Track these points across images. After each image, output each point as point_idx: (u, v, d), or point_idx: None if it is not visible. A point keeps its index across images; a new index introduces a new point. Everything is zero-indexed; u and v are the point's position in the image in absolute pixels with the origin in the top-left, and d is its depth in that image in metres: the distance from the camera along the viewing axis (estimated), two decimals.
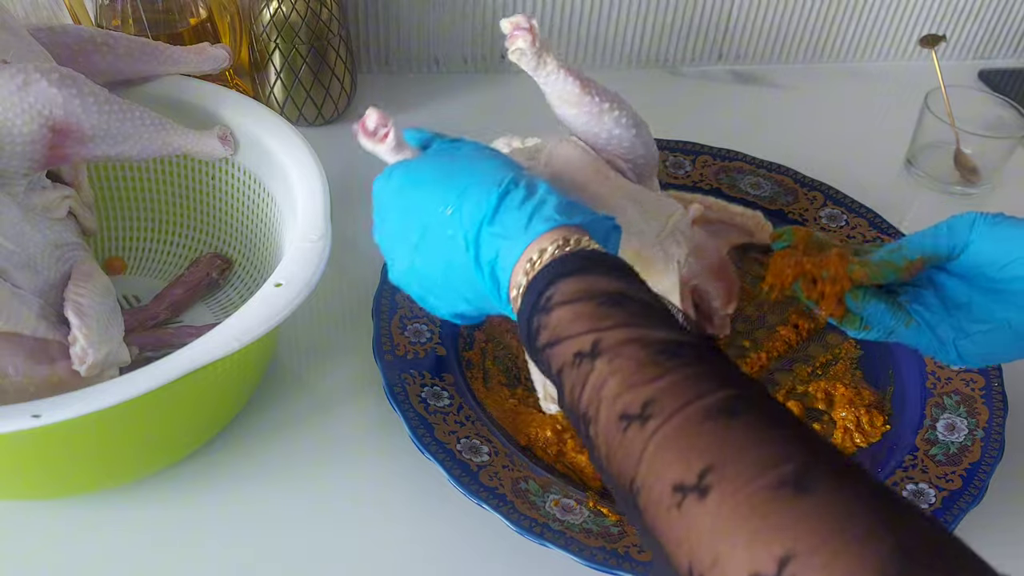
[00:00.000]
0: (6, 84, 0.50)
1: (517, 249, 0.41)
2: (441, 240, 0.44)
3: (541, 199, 0.43)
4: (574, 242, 0.41)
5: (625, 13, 0.92)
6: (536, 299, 0.39)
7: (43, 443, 0.47)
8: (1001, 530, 0.56)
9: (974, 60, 1.04)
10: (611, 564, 0.48)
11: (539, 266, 0.40)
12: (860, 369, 0.63)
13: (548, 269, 0.40)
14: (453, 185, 0.44)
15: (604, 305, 0.37)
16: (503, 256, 0.42)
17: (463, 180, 0.44)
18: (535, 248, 0.41)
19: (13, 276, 0.51)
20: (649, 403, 0.33)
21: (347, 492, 0.56)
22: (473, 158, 0.47)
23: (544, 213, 0.42)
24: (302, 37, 0.78)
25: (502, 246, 0.42)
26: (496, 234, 0.42)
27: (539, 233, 0.41)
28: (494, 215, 0.43)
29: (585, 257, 0.40)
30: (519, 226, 0.42)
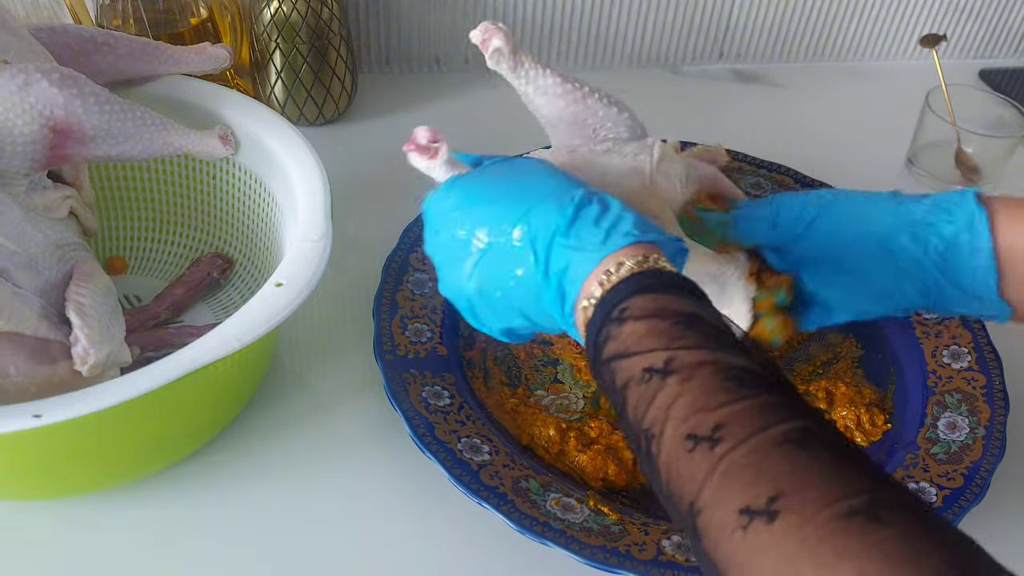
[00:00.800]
0: (7, 84, 0.50)
1: (592, 261, 0.41)
2: (505, 254, 0.44)
3: (618, 215, 0.43)
4: (652, 260, 0.41)
5: (625, 12, 0.92)
6: (609, 310, 0.39)
7: (44, 443, 0.47)
8: (1002, 529, 0.56)
9: (975, 59, 1.04)
10: (611, 563, 0.48)
11: (616, 279, 0.40)
12: (861, 368, 0.63)
13: (625, 283, 0.40)
14: (521, 199, 0.44)
15: (679, 325, 0.37)
16: (575, 267, 0.42)
17: (531, 194, 0.44)
18: (612, 261, 0.41)
19: (14, 276, 0.51)
20: (720, 426, 0.33)
21: (347, 491, 0.56)
22: (536, 173, 0.46)
23: (623, 228, 0.42)
24: (303, 37, 0.78)
25: (575, 258, 0.42)
26: (570, 246, 0.42)
27: (619, 247, 0.41)
28: (569, 228, 0.42)
29: (661, 275, 0.40)
30: (596, 240, 0.42)
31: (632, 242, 0.41)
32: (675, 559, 0.49)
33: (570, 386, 0.61)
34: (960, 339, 0.62)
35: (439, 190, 0.48)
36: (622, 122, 0.56)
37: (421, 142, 0.48)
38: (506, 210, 0.44)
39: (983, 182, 0.83)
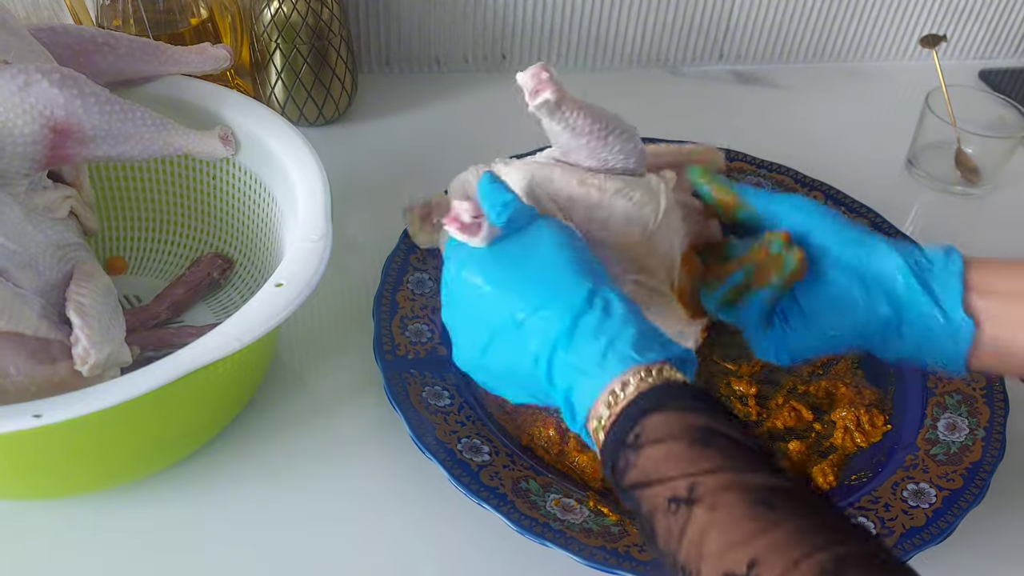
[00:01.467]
0: (7, 84, 0.50)
1: (596, 386, 0.41)
2: (511, 347, 0.44)
3: (616, 331, 0.41)
4: (656, 373, 0.40)
5: (625, 13, 0.92)
6: (623, 436, 0.39)
7: (44, 443, 0.47)
8: (1002, 529, 0.56)
9: (975, 60, 1.04)
10: (611, 563, 0.48)
11: (623, 401, 0.39)
12: (861, 368, 0.63)
13: (633, 405, 0.39)
14: (526, 294, 0.43)
15: (696, 444, 0.37)
16: (579, 390, 0.41)
17: (537, 291, 0.43)
18: (617, 382, 0.40)
19: (15, 276, 0.51)
20: (754, 563, 0.33)
21: (347, 492, 0.56)
22: (550, 260, 0.44)
23: (620, 351, 0.41)
24: (303, 37, 0.78)
25: (578, 380, 0.41)
26: (572, 365, 0.41)
27: (617, 373, 0.40)
28: (569, 341, 0.42)
29: (669, 389, 0.39)
30: (594, 360, 0.41)
31: (631, 366, 0.40)
32: None
33: None
34: None
35: (452, 260, 0.47)
36: (633, 154, 0.56)
37: (465, 220, 0.45)
38: (512, 303, 0.43)
39: (983, 183, 0.83)
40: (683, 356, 0.42)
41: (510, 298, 0.44)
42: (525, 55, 0.95)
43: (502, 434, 0.57)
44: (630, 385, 0.40)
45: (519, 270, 0.44)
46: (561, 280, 0.43)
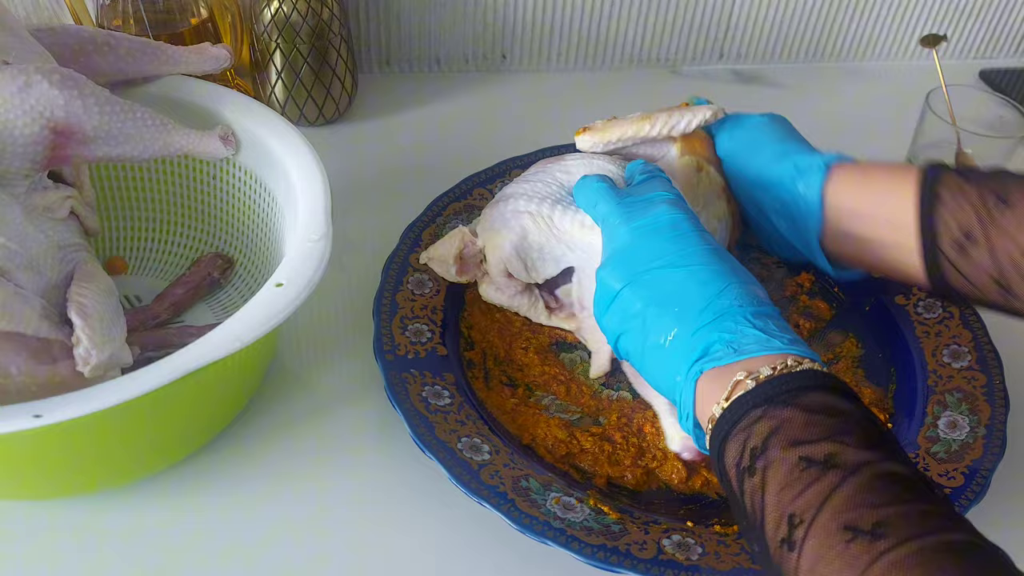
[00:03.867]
0: (7, 85, 0.50)
1: (762, 344, 0.44)
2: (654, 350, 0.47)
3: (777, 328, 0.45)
4: (818, 366, 0.42)
5: (626, 12, 0.93)
6: (773, 394, 0.40)
7: (44, 443, 0.47)
8: (1003, 527, 0.55)
9: (975, 60, 1.04)
10: (612, 562, 0.48)
11: (789, 369, 0.42)
12: (861, 368, 0.63)
13: (798, 376, 0.41)
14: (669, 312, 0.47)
15: (845, 421, 0.38)
16: (737, 342, 0.44)
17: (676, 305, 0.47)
18: (789, 357, 0.42)
19: (16, 276, 0.51)
20: (882, 524, 0.34)
21: (348, 491, 0.56)
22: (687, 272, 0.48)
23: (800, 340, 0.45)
24: (303, 37, 0.78)
25: (744, 332, 0.44)
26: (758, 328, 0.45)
27: (794, 349, 0.43)
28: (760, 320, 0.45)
29: (831, 380, 0.41)
30: (776, 329, 0.44)
31: (801, 353, 0.43)
32: (675, 558, 0.49)
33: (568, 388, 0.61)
34: (960, 338, 0.62)
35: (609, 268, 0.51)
36: None
37: None
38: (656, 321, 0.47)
39: None
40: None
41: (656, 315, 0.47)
42: (525, 55, 0.95)
43: (502, 433, 0.57)
44: (803, 364, 0.42)
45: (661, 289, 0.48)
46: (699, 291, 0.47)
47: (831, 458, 0.36)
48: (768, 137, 0.62)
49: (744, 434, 0.40)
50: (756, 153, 0.62)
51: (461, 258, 0.62)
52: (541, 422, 0.58)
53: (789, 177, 0.59)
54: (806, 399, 0.39)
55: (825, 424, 0.38)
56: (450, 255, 0.62)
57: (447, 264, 0.62)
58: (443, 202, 0.70)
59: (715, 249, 0.49)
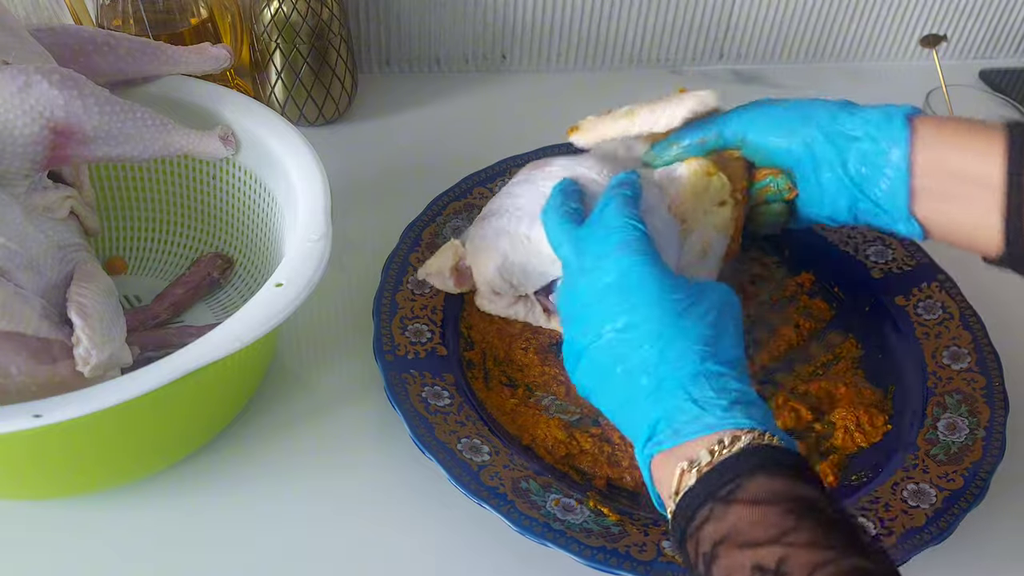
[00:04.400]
0: (7, 85, 0.50)
1: (703, 426, 0.41)
2: (625, 352, 0.44)
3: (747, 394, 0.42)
4: (768, 437, 0.40)
5: (625, 13, 0.92)
6: (715, 488, 0.38)
7: (44, 443, 0.47)
8: (1002, 530, 0.56)
9: (975, 60, 1.04)
10: (611, 564, 0.48)
11: (726, 453, 0.39)
12: (861, 368, 0.63)
13: (738, 459, 0.38)
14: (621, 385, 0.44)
15: (792, 515, 0.36)
16: (679, 422, 0.41)
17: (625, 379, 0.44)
18: (728, 434, 0.40)
19: (16, 276, 0.51)
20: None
21: (347, 492, 0.56)
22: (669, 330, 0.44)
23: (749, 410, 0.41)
24: (303, 37, 0.78)
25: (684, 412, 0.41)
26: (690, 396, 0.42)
27: (733, 425, 0.40)
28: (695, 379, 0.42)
29: (777, 454, 0.39)
30: (719, 406, 0.41)
31: (751, 427, 0.40)
32: (675, 560, 0.49)
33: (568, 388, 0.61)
34: (960, 340, 0.62)
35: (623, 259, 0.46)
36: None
37: None
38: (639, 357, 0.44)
39: None
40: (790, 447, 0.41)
41: (637, 345, 0.44)
42: (525, 55, 0.94)
43: (502, 434, 0.57)
44: (740, 440, 0.39)
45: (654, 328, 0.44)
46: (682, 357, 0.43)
47: (781, 564, 0.34)
48: (808, 104, 0.55)
49: (695, 540, 0.38)
50: (808, 116, 0.54)
51: (457, 270, 0.61)
52: (541, 423, 0.58)
53: (863, 132, 0.52)
54: (749, 490, 0.37)
55: (772, 521, 0.36)
56: (445, 269, 0.61)
57: (444, 278, 0.61)
58: (443, 201, 0.70)
59: (661, 297, 0.45)
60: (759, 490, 0.37)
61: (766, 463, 0.38)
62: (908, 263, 0.68)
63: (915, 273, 0.67)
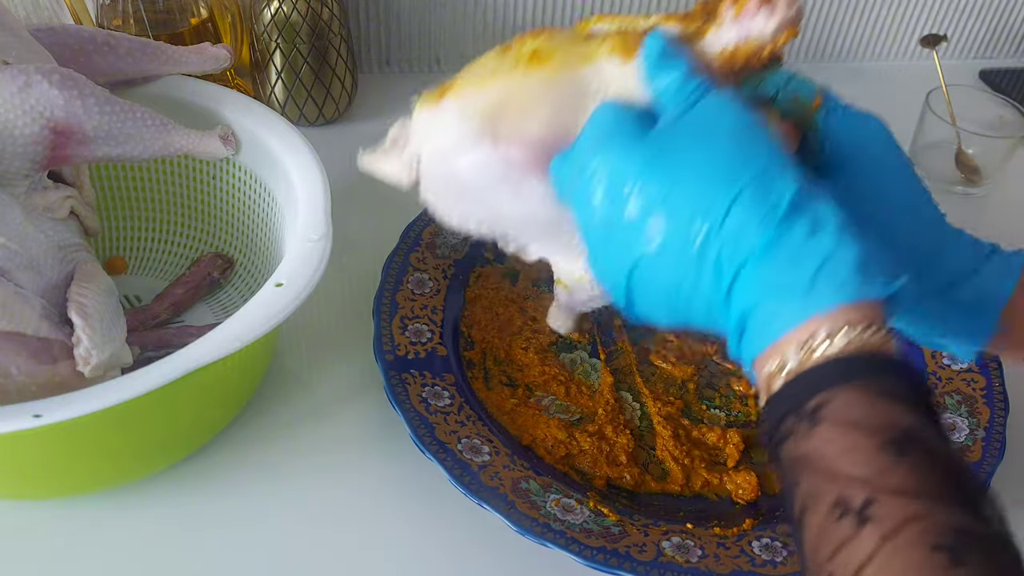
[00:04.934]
0: (7, 85, 0.50)
1: (793, 316, 0.33)
2: (682, 257, 0.35)
3: (832, 247, 0.33)
4: (868, 335, 0.32)
5: (625, 13, 0.92)
6: (801, 399, 0.32)
7: (44, 443, 0.47)
8: None
9: (975, 60, 1.04)
10: (612, 564, 0.48)
11: (817, 358, 0.32)
12: None
13: (828, 366, 0.32)
14: (713, 189, 0.34)
15: (890, 449, 0.30)
16: (766, 314, 0.33)
17: (726, 184, 0.34)
18: (824, 323, 0.32)
19: (16, 276, 0.51)
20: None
21: (347, 492, 0.56)
22: (741, 147, 0.35)
23: (839, 276, 0.32)
24: (303, 37, 0.78)
25: (769, 301, 0.33)
26: (768, 281, 0.33)
27: (826, 306, 0.32)
28: (766, 253, 0.33)
29: (878, 362, 0.32)
30: (802, 281, 0.32)
31: (849, 302, 0.32)
32: (675, 560, 0.49)
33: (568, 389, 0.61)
34: None
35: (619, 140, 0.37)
36: None
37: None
38: (696, 201, 0.34)
39: (983, 183, 0.83)
40: (908, 288, 0.33)
41: (691, 189, 0.34)
42: None
43: (502, 434, 0.57)
44: (837, 336, 0.32)
45: (708, 156, 0.35)
46: (760, 171, 0.34)
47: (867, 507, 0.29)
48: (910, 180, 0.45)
49: (778, 455, 0.33)
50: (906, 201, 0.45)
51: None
52: (541, 423, 0.58)
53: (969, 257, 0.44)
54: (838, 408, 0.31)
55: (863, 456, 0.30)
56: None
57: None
58: None
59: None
60: (850, 411, 0.31)
61: (863, 374, 0.31)
62: None
63: None
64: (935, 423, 0.31)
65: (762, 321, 0.34)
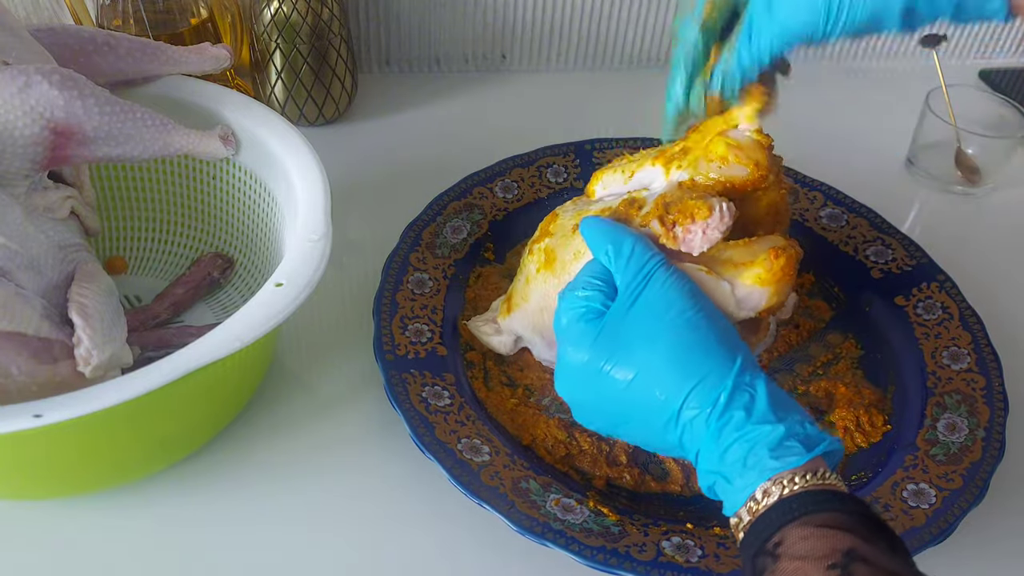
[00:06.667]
0: (7, 86, 0.50)
1: (739, 494, 0.41)
2: (648, 427, 0.45)
3: (757, 435, 0.41)
4: (800, 479, 0.39)
5: (625, 13, 0.92)
6: (762, 542, 0.38)
7: (44, 443, 0.47)
8: (1002, 530, 0.56)
9: (975, 60, 1.04)
10: (611, 564, 0.48)
11: (762, 508, 0.39)
12: (861, 368, 0.63)
13: (773, 511, 0.39)
14: (668, 381, 0.43)
15: (833, 570, 0.35)
16: (723, 492, 0.42)
17: (680, 375, 0.43)
18: (759, 491, 0.40)
19: (17, 277, 0.51)
20: None
21: (347, 492, 0.56)
22: (689, 337, 0.44)
23: (760, 459, 0.40)
24: (303, 37, 0.78)
25: (721, 483, 0.42)
26: (714, 470, 0.42)
27: (757, 483, 0.40)
28: (715, 442, 0.42)
29: (814, 498, 0.38)
30: (736, 469, 0.41)
31: (773, 475, 0.40)
32: (675, 560, 0.49)
33: None
34: (960, 340, 0.62)
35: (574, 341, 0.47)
36: None
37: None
38: (657, 392, 0.44)
39: (983, 183, 0.83)
40: (828, 450, 0.41)
41: (650, 387, 0.44)
42: (525, 55, 0.95)
43: (502, 434, 0.57)
44: (771, 495, 0.39)
45: (652, 351, 0.44)
46: (704, 376, 0.43)
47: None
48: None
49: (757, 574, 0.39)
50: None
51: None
52: (541, 423, 0.58)
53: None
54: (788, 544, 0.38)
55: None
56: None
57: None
58: (443, 201, 0.70)
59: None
60: (799, 545, 0.37)
61: (802, 510, 0.38)
62: (908, 263, 0.68)
63: (915, 273, 0.67)
64: (878, 536, 0.37)
65: (723, 496, 0.42)
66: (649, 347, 0.44)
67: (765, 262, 0.50)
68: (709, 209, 0.48)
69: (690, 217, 0.48)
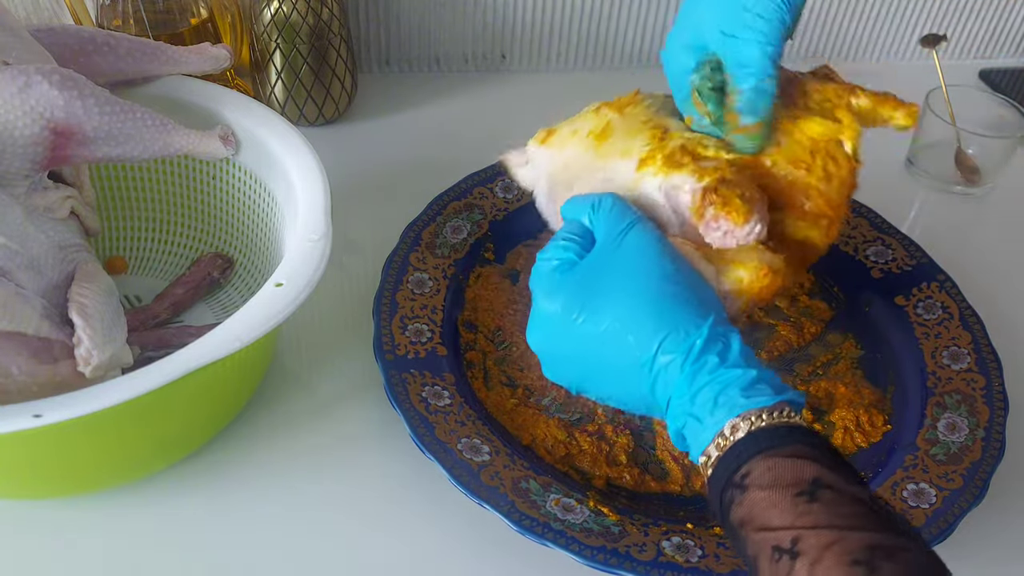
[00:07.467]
0: (7, 86, 0.50)
1: (708, 431, 0.41)
2: (620, 379, 0.45)
3: (729, 377, 0.42)
4: (767, 415, 0.40)
5: (625, 13, 0.92)
6: (730, 474, 0.39)
7: (44, 443, 0.47)
8: (1002, 530, 0.56)
9: (975, 60, 1.04)
10: (611, 564, 0.48)
11: (730, 443, 0.40)
12: (861, 368, 0.63)
13: (741, 444, 0.40)
14: (642, 330, 0.43)
15: (801, 497, 0.37)
16: (692, 431, 0.42)
17: (653, 324, 0.43)
18: (728, 426, 0.41)
19: (17, 276, 0.51)
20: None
21: (347, 491, 0.56)
22: (660, 288, 0.44)
23: (731, 398, 0.41)
24: (303, 37, 0.78)
25: (691, 423, 0.42)
26: (686, 411, 0.42)
27: (727, 419, 0.41)
28: (688, 387, 0.42)
29: (779, 432, 0.40)
30: (707, 408, 0.42)
31: (740, 412, 0.41)
32: (675, 560, 0.49)
33: None
34: (960, 340, 0.62)
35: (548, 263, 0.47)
36: None
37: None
38: (631, 342, 0.44)
39: (983, 183, 0.83)
40: (792, 399, 0.42)
41: (624, 334, 0.44)
42: (525, 55, 0.95)
43: (502, 434, 0.57)
44: (739, 429, 0.40)
45: (627, 300, 0.44)
46: (679, 314, 0.43)
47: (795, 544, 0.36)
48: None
49: (727, 523, 0.40)
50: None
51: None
52: (541, 422, 0.58)
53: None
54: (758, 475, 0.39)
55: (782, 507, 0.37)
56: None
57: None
58: (443, 201, 0.70)
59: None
60: (765, 475, 0.38)
61: (769, 443, 0.39)
62: (908, 263, 0.68)
63: (915, 273, 0.67)
64: (837, 465, 0.38)
65: (691, 437, 0.43)
66: (624, 296, 0.44)
67: (755, 271, 0.48)
68: (745, 221, 0.47)
69: (726, 210, 0.47)
